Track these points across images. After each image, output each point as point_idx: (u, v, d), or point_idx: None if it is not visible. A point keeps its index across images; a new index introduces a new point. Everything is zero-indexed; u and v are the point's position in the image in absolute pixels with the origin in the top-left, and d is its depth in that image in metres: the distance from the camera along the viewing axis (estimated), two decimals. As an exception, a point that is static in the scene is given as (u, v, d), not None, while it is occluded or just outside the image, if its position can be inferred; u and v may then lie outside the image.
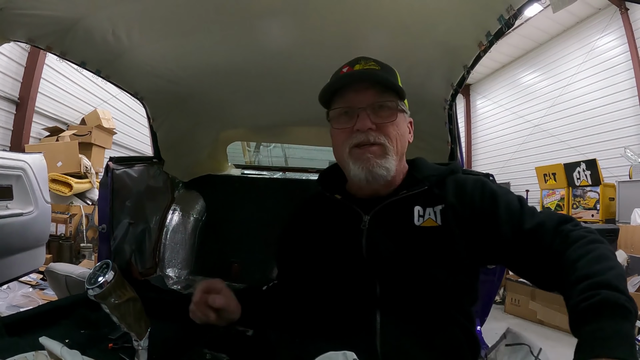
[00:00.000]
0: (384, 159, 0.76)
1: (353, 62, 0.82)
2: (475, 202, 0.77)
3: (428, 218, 0.77)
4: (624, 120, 6.31)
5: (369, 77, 0.77)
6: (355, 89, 0.77)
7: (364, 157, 0.75)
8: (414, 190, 0.79)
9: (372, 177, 0.75)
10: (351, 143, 0.77)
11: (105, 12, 1.10)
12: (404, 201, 0.78)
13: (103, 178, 1.60)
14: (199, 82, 1.56)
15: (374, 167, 0.75)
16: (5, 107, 4.80)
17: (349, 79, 0.78)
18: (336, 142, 0.82)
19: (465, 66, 1.19)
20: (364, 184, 0.78)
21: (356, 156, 0.76)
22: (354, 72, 0.79)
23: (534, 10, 6.94)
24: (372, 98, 0.77)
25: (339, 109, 0.79)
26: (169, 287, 1.77)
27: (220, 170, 2.22)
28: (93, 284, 0.73)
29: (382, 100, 0.77)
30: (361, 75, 0.78)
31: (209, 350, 1.21)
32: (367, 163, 0.75)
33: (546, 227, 0.68)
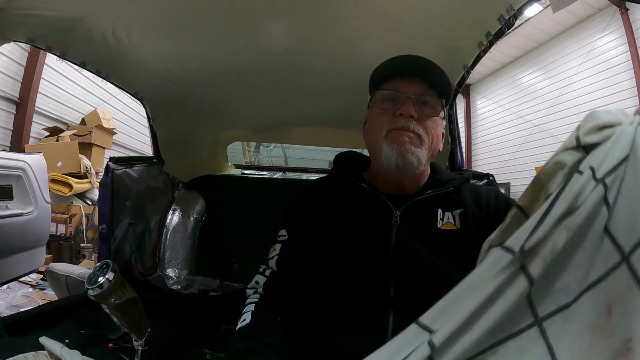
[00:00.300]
0: (418, 148, 0.75)
1: (402, 55, 0.83)
2: (490, 206, 0.79)
3: (447, 221, 0.77)
4: (624, 120, 6.31)
5: (424, 68, 0.79)
6: (407, 79, 0.78)
7: (400, 140, 0.75)
8: (439, 191, 0.79)
9: (403, 163, 0.74)
10: (390, 126, 0.76)
11: (105, 12, 1.10)
12: (429, 201, 0.78)
13: (103, 178, 1.60)
14: (199, 82, 1.56)
15: (407, 153, 0.74)
16: (5, 107, 4.80)
17: (407, 66, 0.79)
18: (374, 123, 0.81)
19: (465, 66, 1.19)
20: (393, 170, 0.76)
21: (393, 138, 0.75)
22: (408, 59, 0.80)
23: (534, 10, 6.94)
24: (421, 90, 0.77)
25: (386, 92, 0.79)
26: (169, 287, 1.77)
27: (220, 170, 2.22)
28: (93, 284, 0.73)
29: (429, 95, 0.78)
30: (416, 64, 0.79)
31: (209, 350, 1.21)
32: (402, 147, 0.74)
33: None
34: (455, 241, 0.75)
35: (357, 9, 1.06)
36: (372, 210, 0.78)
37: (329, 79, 1.47)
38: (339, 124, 1.88)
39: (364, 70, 1.38)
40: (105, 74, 1.41)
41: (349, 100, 1.63)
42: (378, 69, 0.84)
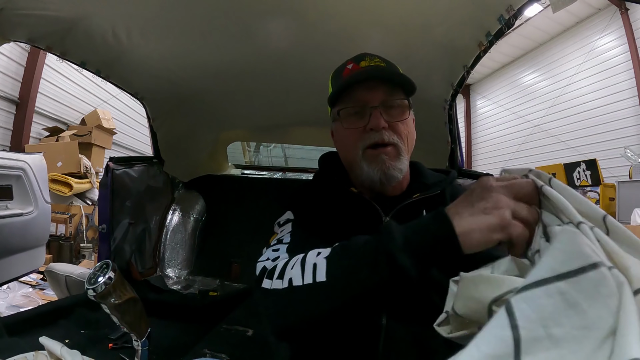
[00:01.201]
0: (398, 160, 0.74)
1: (357, 59, 0.79)
2: None
3: None
4: (624, 120, 6.31)
5: (381, 74, 0.75)
6: (366, 86, 0.74)
7: (379, 159, 0.73)
8: (426, 194, 0.77)
9: (387, 179, 0.74)
10: (365, 144, 0.74)
11: (105, 12, 1.10)
12: (415, 205, 0.77)
13: (103, 178, 1.60)
14: (199, 82, 1.56)
15: (389, 169, 0.73)
16: (5, 107, 4.80)
17: (361, 76, 0.74)
18: (346, 142, 0.78)
19: (465, 66, 1.19)
20: (377, 186, 0.75)
21: (371, 158, 0.74)
22: (365, 69, 0.76)
23: (534, 10, 6.94)
24: (383, 96, 0.74)
25: (349, 108, 0.76)
26: (169, 287, 1.77)
27: (220, 170, 2.23)
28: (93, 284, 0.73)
29: (393, 98, 0.75)
30: (373, 72, 0.75)
31: (209, 350, 1.21)
32: (383, 165, 0.73)
33: None
34: None
35: (357, 9, 1.06)
36: (361, 214, 0.77)
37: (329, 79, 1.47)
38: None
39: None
40: (105, 74, 1.41)
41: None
42: (335, 76, 0.80)
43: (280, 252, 0.69)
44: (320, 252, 0.58)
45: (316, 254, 0.58)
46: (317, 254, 0.58)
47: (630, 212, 4.69)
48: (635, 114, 6.14)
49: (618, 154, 6.00)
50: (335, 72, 0.82)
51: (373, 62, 0.77)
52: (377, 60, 0.77)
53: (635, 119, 6.15)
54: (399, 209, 0.76)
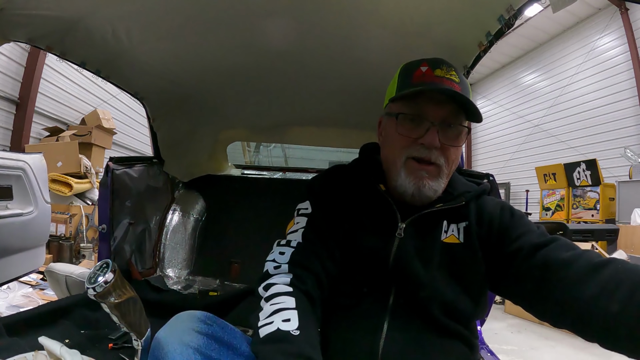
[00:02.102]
0: (436, 181, 0.73)
1: (433, 64, 0.74)
2: (493, 223, 0.76)
3: (451, 234, 0.76)
4: (624, 120, 6.31)
5: (455, 95, 0.70)
6: (435, 99, 0.71)
7: (418, 174, 0.72)
8: (450, 205, 0.76)
9: (419, 195, 0.73)
10: (410, 154, 0.72)
11: (105, 12, 1.10)
12: (436, 214, 0.76)
13: (103, 178, 1.60)
14: (199, 82, 1.56)
15: (424, 187, 0.72)
16: (5, 107, 4.80)
17: (435, 89, 0.70)
18: (393, 145, 0.76)
19: (465, 66, 1.19)
20: (407, 198, 0.74)
21: (411, 170, 0.73)
22: (439, 81, 0.71)
23: (534, 10, 6.95)
24: (447, 115, 0.71)
25: (410, 115, 0.73)
26: (169, 287, 1.77)
27: (220, 170, 2.22)
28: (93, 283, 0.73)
29: (455, 121, 0.72)
30: (448, 91, 0.70)
31: (209, 350, 1.21)
32: (420, 181, 0.72)
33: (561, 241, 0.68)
34: (457, 255, 0.74)
35: (357, 9, 1.06)
36: (380, 215, 0.77)
37: (328, 80, 1.47)
38: (339, 124, 1.88)
39: (364, 70, 1.39)
40: (105, 74, 1.41)
41: (349, 100, 1.63)
42: (406, 72, 0.76)
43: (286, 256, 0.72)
44: (289, 320, 0.61)
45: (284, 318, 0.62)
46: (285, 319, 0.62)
47: (630, 212, 4.69)
48: (635, 114, 6.14)
49: (618, 154, 6.00)
50: (406, 67, 0.77)
51: (449, 75, 0.72)
52: (452, 74, 0.73)
53: (635, 119, 6.15)
54: (416, 217, 0.75)
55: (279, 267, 0.71)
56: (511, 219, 0.75)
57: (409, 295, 0.72)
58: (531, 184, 7.45)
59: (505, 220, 0.75)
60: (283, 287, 0.67)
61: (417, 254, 0.73)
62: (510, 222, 0.75)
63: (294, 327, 0.58)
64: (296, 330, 0.58)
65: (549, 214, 6.46)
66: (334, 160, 2.91)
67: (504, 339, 3.17)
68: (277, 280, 0.68)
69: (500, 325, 3.55)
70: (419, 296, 0.72)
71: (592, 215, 5.72)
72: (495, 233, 0.74)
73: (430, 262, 0.73)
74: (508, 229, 0.73)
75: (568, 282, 0.61)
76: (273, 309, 0.62)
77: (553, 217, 6.30)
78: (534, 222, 0.77)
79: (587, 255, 0.63)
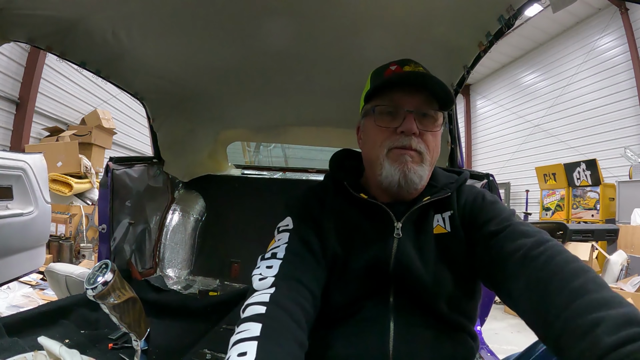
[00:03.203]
0: (420, 166, 0.74)
1: (402, 62, 0.78)
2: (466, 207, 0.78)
3: (437, 224, 0.77)
4: (624, 120, 6.31)
5: (424, 80, 0.74)
6: (406, 90, 0.74)
7: (402, 159, 0.73)
8: (437, 197, 0.77)
9: (406, 181, 0.73)
10: (391, 144, 0.74)
11: (105, 12, 1.10)
12: (425, 207, 0.77)
13: (103, 178, 1.60)
14: (199, 82, 1.57)
15: (410, 172, 0.73)
16: (5, 107, 4.80)
17: (404, 79, 0.74)
18: (374, 139, 0.77)
19: (465, 66, 1.19)
20: (394, 188, 0.74)
21: (394, 157, 0.74)
22: (408, 73, 0.75)
23: (534, 10, 6.94)
24: (421, 103, 0.74)
25: (384, 106, 0.75)
26: (169, 287, 1.77)
27: (220, 170, 2.22)
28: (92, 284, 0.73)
29: (430, 107, 0.75)
30: (417, 78, 0.74)
31: (209, 350, 1.21)
32: (405, 166, 0.73)
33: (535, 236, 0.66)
34: (447, 245, 0.75)
35: (357, 9, 1.06)
36: (373, 220, 0.77)
37: (328, 79, 1.47)
38: (338, 124, 1.88)
39: (364, 70, 1.38)
40: (105, 74, 1.41)
41: (348, 100, 1.62)
42: (376, 74, 0.80)
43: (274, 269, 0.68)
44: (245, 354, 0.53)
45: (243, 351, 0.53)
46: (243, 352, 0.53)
47: (630, 212, 4.69)
48: (635, 114, 6.14)
49: (618, 154, 6.00)
50: (376, 70, 0.81)
51: (417, 69, 0.76)
52: (420, 69, 0.77)
53: (635, 119, 6.15)
54: (409, 214, 0.76)
55: (264, 280, 0.66)
56: (482, 203, 0.77)
57: (410, 292, 0.73)
58: (531, 184, 7.45)
59: (476, 206, 0.77)
60: (256, 309, 0.60)
61: (416, 251, 0.74)
62: (480, 208, 0.76)
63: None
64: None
65: (549, 214, 6.46)
66: (334, 160, 2.90)
67: (504, 339, 3.17)
68: (255, 299, 0.62)
69: (500, 325, 3.55)
70: (422, 292, 0.72)
71: (592, 215, 5.73)
72: (468, 219, 0.76)
73: (428, 256, 0.74)
74: (477, 215, 0.75)
75: (501, 277, 0.64)
76: (235, 339, 0.56)
77: (553, 217, 6.31)
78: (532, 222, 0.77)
79: (526, 243, 0.63)
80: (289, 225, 0.78)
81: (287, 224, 0.78)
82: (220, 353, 1.20)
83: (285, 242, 0.73)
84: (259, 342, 0.53)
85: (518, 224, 0.69)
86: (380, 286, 0.74)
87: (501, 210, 0.74)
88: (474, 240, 0.73)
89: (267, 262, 0.70)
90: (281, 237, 0.75)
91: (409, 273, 0.72)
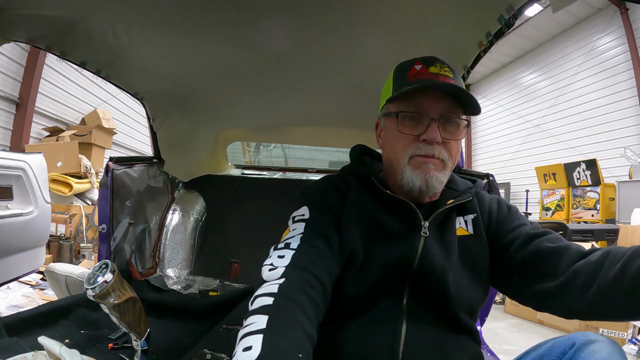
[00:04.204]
0: (441, 173, 0.74)
1: (427, 62, 0.75)
2: (492, 215, 0.81)
3: (460, 227, 0.78)
4: (624, 120, 6.31)
5: (451, 88, 0.72)
6: (432, 95, 0.72)
7: (425, 167, 0.73)
8: (460, 201, 0.78)
9: (427, 187, 0.73)
10: (414, 152, 0.73)
11: (105, 12, 1.10)
12: (450, 210, 0.78)
13: (103, 178, 1.60)
14: (199, 82, 1.56)
15: (432, 179, 0.73)
16: (5, 107, 4.80)
17: (431, 85, 0.72)
18: (395, 144, 0.76)
19: (465, 66, 1.19)
20: (415, 193, 0.75)
21: (416, 164, 0.73)
22: (434, 77, 0.73)
23: (534, 10, 6.94)
24: (445, 110, 0.73)
25: (410, 112, 0.73)
26: (169, 287, 1.77)
27: (220, 170, 2.23)
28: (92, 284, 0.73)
29: (454, 115, 0.73)
30: (444, 85, 0.72)
31: (209, 350, 1.21)
32: (427, 173, 0.73)
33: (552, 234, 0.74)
34: (469, 246, 0.77)
35: (357, 9, 1.06)
36: (398, 217, 0.76)
37: (328, 79, 1.47)
38: (339, 124, 1.88)
39: (364, 70, 1.39)
40: (105, 74, 1.41)
41: (348, 100, 1.63)
42: (401, 70, 0.77)
43: (285, 259, 0.65)
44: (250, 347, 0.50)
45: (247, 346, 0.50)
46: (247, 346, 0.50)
47: (630, 212, 4.69)
48: (635, 114, 6.14)
49: (618, 154, 6.00)
50: (400, 67, 0.78)
51: (442, 71, 0.74)
52: (446, 70, 0.74)
53: (635, 119, 6.15)
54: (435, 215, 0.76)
55: (274, 270, 0.63)
56: (508, 212, 0.82)
57: (427, 293, 0.72)
58: (531, 184, 7.45)
59: (502, 213, 0.81)
60: (263, 300, 0.58)
61: (441, 251, 0.74)
62: (506, 215, 0.81)
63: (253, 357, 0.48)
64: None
65: (549, 214, 6.46)
66: (334, 161, 2.91)
67: (504, 339, 3.17)
68: (263, 291, 0.60)
69: (500, 325, 3.55)
70: (440, 293, 0.72)
71: (592, 215, 5.72)
72: (494, 225, 0.79)
73: (452, 257, 0.75)
74: (504, 222, 0.79)
75: (562, 267, 0.67)
76: (241, 333, 0.54)
77: (553, 217, 6.30)
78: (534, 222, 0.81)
79: (575, 246, 0.70)
80: (304, 215, 0.76)
81: (303, 213, 0.76)
82: (220, 353, 1.20)
83: (300, 232, 0.71)
84: (264, 335, 0.51)
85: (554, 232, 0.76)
86: (396, 285, 0.73)
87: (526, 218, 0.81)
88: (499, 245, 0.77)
89: (280, 252, 0.68)
90: (296, 227, 0.73)
91: (431, 272, 0.72)
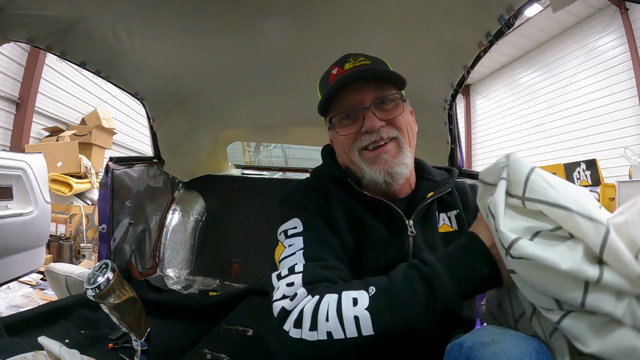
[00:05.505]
0: (401, 154, 0.72)
1: (341, 61, 0.77)
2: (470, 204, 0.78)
3: (444, 223, 0.77)
4: (624, 120, 6.31)
5: (365, 73, 0.72)
6: (354, 88, 0.72)
7: (379, 160, 0.71)
8: (440, 193, 0.76)
9: (392, 177, 0.71)
10: (360, 145, 0.72)
11: (105, 12, 1.10)
12: (431, 205, 0.76)
13: (103, 178, 1.60)
14: (199, 82, 1.56)
15: (393, 167, 0.71)
16: (5, 107, 4.80)
17: (346, 80, 0.71)
18: (342, 147, 0.75)
19: (465, 66, 1.19)
20: (382, 187, 0.73)
21: (370, 160, 0.72)
22: (348, 72, 0.74)
23: (534, 10, 6.95)
24: (373, 95, 0.72)
25: (341, 114, 0.73)
26: (169, 287, 1.77)
27: (220, 170, 2.23)
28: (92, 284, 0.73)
29: (384, 94, 0.72)
30: (358, 74, 0.72)
31: (209, 350, 1.21)
32: (385, 165, 0.71)
33: None
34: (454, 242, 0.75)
35: (357, 8, 1.06)
36: (381, 217, 0.74)
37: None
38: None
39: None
40: (105, 74, 1.41)
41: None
42: (322, 83, 0.79)
43: (296, 286, 0.60)
44: (356, 299, 0.54)
45: (352, 302, 0.54)
46: (353, 302, 0.54)
47: (630, 212, 4.68)
48: (635, 114, 6.14)
49: (618, 154, 6.00)
50: (321, 79, 0.80)
51: (357, 63, 0.74)
52: (361, 60, 0.75)
53: (635, 119, 6.16)
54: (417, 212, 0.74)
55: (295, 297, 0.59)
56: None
57: None
58: (531, 184, 7.45)
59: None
60: (317, 305, 0.56)
61: (427, 249, 0.72)
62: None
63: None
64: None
65: (549, 214, 6.46)
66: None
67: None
68: (305, 307, 0.57)
69: (500, 325, 3.54)
70: None
71: (592, 215, 5.72)
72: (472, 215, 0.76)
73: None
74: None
75: None
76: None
77: (553, 217, 6.30)
78: None
79: None
80: (297, 227, 0.70)
81: (295, 226, 0.70)
82: (220, 353, 1.20)
83: (300, 248, 0.66)
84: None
85: None
86: None
87: None
88: None
89: (287, 280, 0.62)
90: (294, 243, 0.68)
91: None
